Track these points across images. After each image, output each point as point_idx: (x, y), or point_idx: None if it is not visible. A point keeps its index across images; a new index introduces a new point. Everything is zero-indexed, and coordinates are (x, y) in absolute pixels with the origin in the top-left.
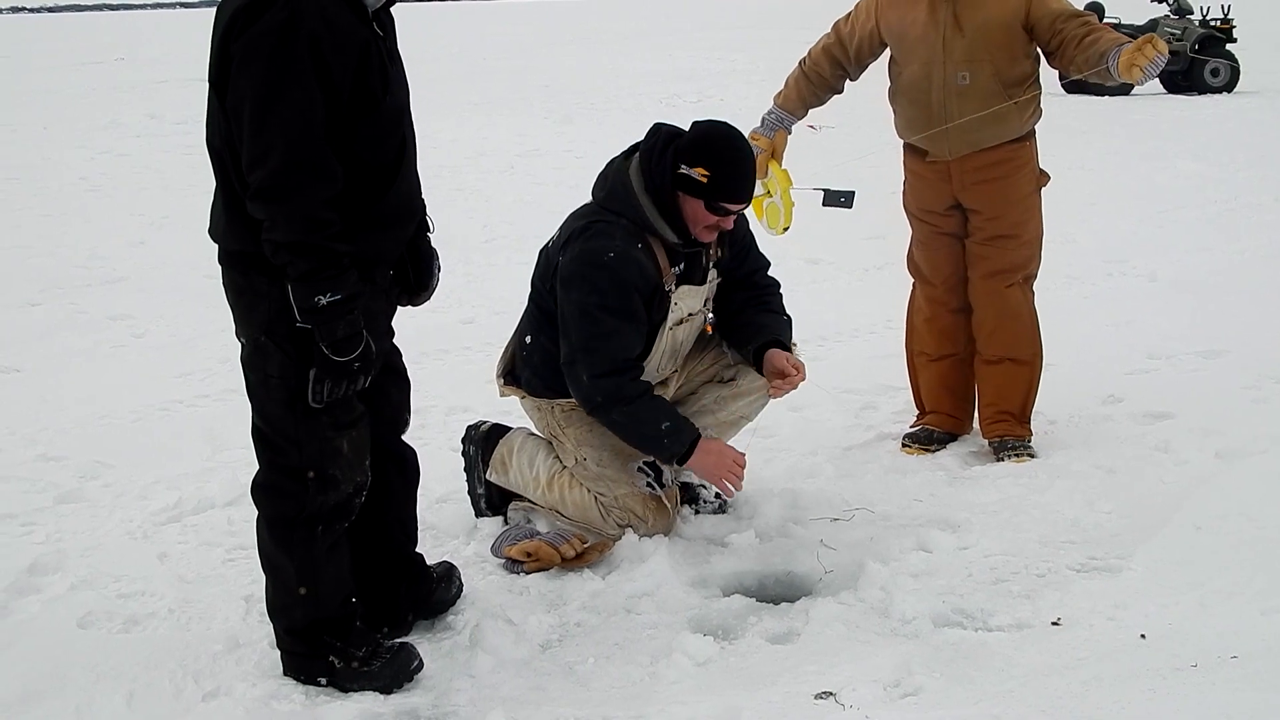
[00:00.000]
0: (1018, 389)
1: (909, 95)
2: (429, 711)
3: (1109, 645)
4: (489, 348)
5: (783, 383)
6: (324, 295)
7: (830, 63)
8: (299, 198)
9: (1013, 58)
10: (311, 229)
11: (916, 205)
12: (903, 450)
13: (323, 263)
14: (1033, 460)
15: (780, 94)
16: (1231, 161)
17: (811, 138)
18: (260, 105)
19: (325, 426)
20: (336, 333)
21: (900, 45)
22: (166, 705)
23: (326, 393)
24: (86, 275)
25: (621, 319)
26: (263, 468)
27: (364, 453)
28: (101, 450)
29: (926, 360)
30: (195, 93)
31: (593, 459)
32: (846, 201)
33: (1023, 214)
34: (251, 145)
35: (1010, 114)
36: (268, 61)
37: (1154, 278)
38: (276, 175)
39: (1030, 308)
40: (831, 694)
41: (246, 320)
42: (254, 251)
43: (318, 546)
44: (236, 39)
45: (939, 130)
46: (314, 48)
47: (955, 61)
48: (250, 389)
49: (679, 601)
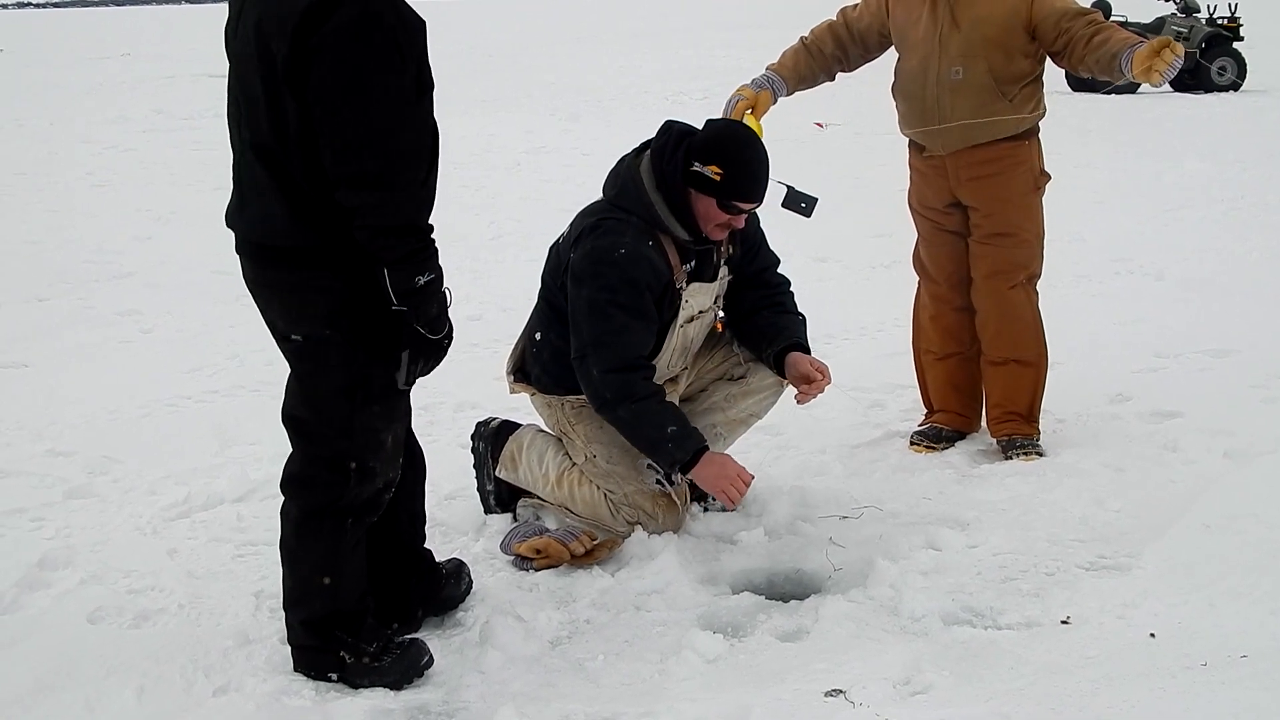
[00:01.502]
0: (1024, 390)
1: (905, 88)
2: (439, 707)
3: (1119, 644)
4: (496, 344)
5: (810, 388)
6: (422, 275)
7: (834, 42)
8: (405, 182)
9: (1009, 55)
10: (419, 210)
11: (918, 201)
12: (911, 449)
13: (423, 244)
14: (1041, 459)
15: (775, 61)
16: (1239, 160)
17: (818, 135)
18: (353, 94)
19: (376, 417)
20: (431, 311)
21: (903, 40)
22: (177, 700)
23: (420, 372)
24: (94, 270)
25: (632, 316)
26: (298, 460)
27: (400, 449)
28: (110, 445)
29: (933, 359)
30: (202, 88)
31: (602, 456)
32: (806, 208)
33: (1019, 212)
34: (348, 133)
35: (1004, 111)
36: (355, 51)
37: (1161, 276)
38: (382, 160)
39: (1033, 309)
40: (841, 691)
41: (300, 316)
42: (315, 246)
43: (345, 540)
44: (314, 34)
45: (933, 125)
46: (394, 37)
47: (950, 56)
48: (300, 380)
49: (688, 599)
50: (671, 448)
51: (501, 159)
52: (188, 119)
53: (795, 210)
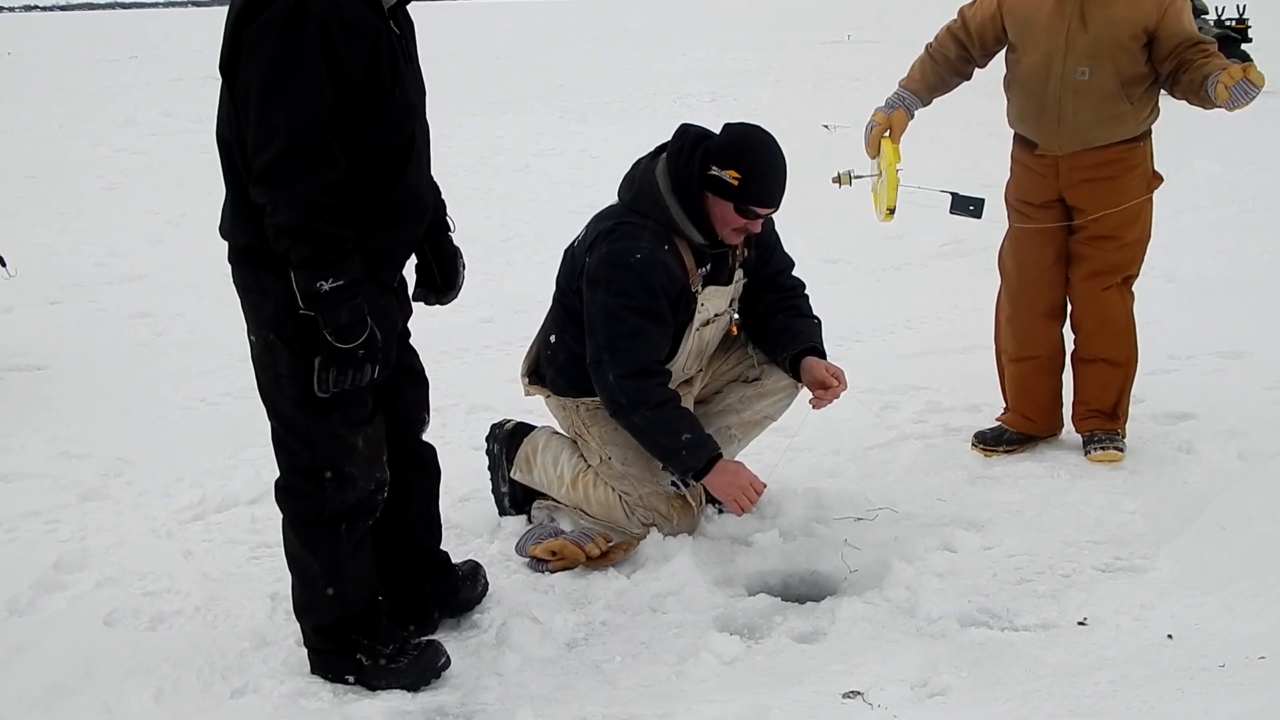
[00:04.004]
0: (1111, 388)
1: (1024, 85)
2: (457, 709)
3: (1135, 645)
4: (509, 346)
5: (825, 393)
6: (326, 281)
7: (955, 44)
8: (301, 182)
9: (1134, 59)
10: (313, 214)
11: (1015, 196)
12: (972, 449)
13: (324, 248)
14: (1056, 459)
15: (905, 76)
16: (1249, 162)
17: (826, 137)
18: (266, 89)
19: (337, 424)
20: (339, 318)
21: (1023, 34)
22: (195, 702)
23: (333, 381)
24: (106, 273)
25: (648, 320)
26: (282, 470)
27: (380, 449)
28: (124, 448)
29: (1008, 359)
30: (210, 91)
31: (617, 458)
32: (975, 210)
33: (1127, 216)
34: (256, 130)
35: (1126, 114)
36: (275, 46)
37: (1173, 278)
38: (280, 159)
39: (1127, 310)
40: (859, 693)
41: (255, 318)
42: (259, 246)
43: (342, 545)
44: (247, 25)
45: (1051, 124)
46: (323, 34)
47: (1077, 56)
48: (262, 389)
49: (704, 600)
50: (685, 455)
51: (511, 161)
52: (196, 121)
53: (965, 214)
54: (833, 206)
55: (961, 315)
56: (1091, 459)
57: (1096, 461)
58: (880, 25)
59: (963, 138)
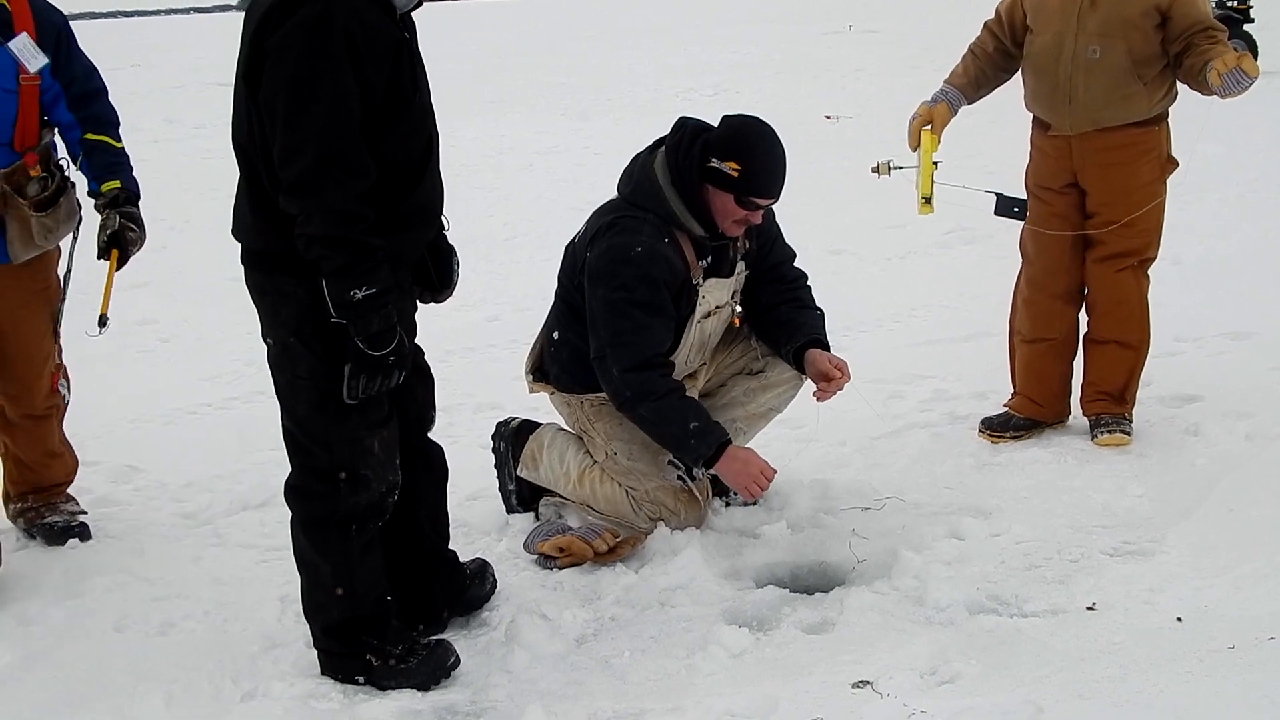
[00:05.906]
0: (1120, 371)
1: (1036, 64)
2: (467, 707)
3: (1145, 629)
4: (514, 345)
5: (829, 385)
6: (359, 289)
7: (991, 37)
8: (333, 192)
9: (1146, 38)
10: (346, 223)
11: (1034, 180)
12: (979, 435)
13: (357, 257)
14: (1063, 445)
15: (949, 74)
16: (1252, 143)
17: (829, 128)
18: (295, 99)
19: (356, 426)
20: (372, 326)
21: (1038, 14)
22: (205, 706)
23: (362, 389)
24: None
25: (650, 313)
26: (294, 470)
27: (394, 451)
28: (132, 454)
29: (1021, 340)
30: (212, 97)
31: (623, 453)
32: (1020, 212)
33: (1141, 201)
34: (285, 139)
35: (1138, 95)
36: (303, 56)
37: (1178, 260)
38: (311, 169)
39: (1141, 293)
40: (869, 683)
41: (272, 321)
42: (280, 250)
43: (352, 547)
44: (270, 35)
45: (1062, 103)
46: (349, 43)
47: (1088, 34)
48: (279, 391)
49: (713, 594)
50: (695, 443)
51: (514, 160)
52: (199, 128)
53: (1009, 216)
54: (835, 196)
55: (966, 303)
56: (1098, 443)
57: (1103, 445)
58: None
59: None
